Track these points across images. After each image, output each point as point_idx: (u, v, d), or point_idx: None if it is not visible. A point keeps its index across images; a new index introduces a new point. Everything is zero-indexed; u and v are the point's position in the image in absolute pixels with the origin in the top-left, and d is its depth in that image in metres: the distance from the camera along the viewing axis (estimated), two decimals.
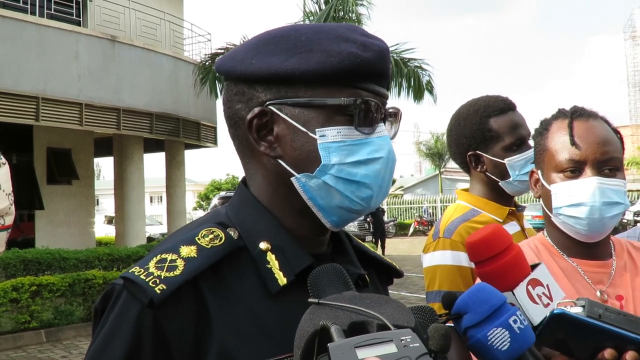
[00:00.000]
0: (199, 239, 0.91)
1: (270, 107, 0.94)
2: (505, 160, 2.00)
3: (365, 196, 0.95)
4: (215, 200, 21.01)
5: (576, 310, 1.10)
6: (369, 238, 20.26)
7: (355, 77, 0.93)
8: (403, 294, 11.57)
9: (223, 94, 1.02)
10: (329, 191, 0.94)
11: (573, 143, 1.45)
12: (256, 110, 0.95)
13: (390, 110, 1.00)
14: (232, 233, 0.94)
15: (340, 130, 0.92)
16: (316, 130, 0.92)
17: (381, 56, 0.95)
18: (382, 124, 0.97)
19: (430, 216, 31.07)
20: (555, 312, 1.09)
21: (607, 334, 1.10)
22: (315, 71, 0.91)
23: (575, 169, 1.45)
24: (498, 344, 0.93)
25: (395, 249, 21.82)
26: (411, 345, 0.71)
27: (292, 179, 0.95)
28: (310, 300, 0.82)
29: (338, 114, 0.93)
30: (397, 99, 14.03)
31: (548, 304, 1.10)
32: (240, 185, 1.03)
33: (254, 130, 0.95)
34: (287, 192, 0.96)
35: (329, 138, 0.92)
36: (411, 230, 29.01)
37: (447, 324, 0.96)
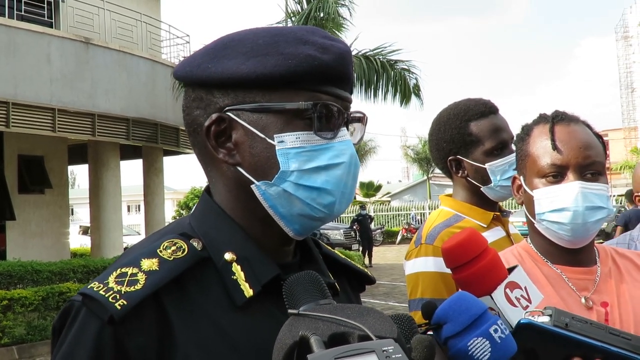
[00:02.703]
0: (160, 251, 0.90)
1: (228, 113, 0.94)
2: (486, 165, 1.98)
3: (327, 203, 0.94)
4: None
5: (543, 320, 1.13)
6: (355, 247, 20.07)
7: (314, 80, 0.93)
8: (391, 304, 11.62)
9: (182, 101, 1.01)
10: (290, 199, 0.93)
11: (555, 147, 1.46)
12: (214, 116, 0.94)
13: (355, 114, 1.00)
14: (195, 244, 0.93)
15: (299, 135, 0.92)
16: (274, 135, 0.92)
17: (341, 58, 0.94)
18: (344, 128, 0.97)
19: (419, 223, 30.88)
20: (522, 322, 1.11)
21: (574, 343, 1.13)
22: (272, 74, 0.91)
23: (557, 174, 1.46)
24: (479, 354, 0.93)
25: (382, 257, 21.85)
26: (393, 356, 0.70)
27: (252, 186, 0.94)
28: (289, 311, 0.81)
29: (297, 118, 0.92)
30: (383, 103, 14.01)
31: (527, 306, 1.11)
32: (203, 194, 1.02)
33: (212, 137, 0.95)
34: (249, 200, 0.96)
35: (288, 144, 0.92)
36: (399, 238, 28.85)
37: (427, 334, 0.98)
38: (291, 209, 0.94)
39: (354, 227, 20.89)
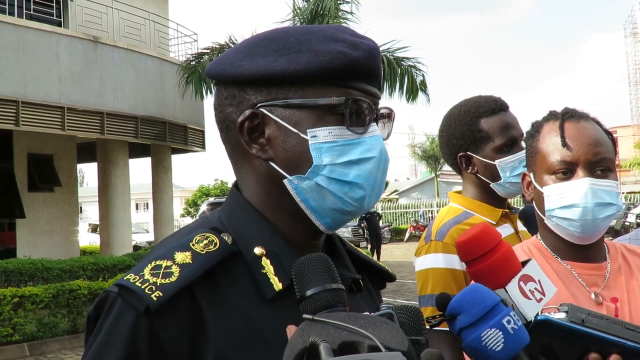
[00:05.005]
0: (193, 245, 0.92)
1: (261, 109, 0.96)
2: (496, 162, 2.00)
3: (358, 197, 0.96)
4: (203, 207, 20.79)
5: (559, 316, 1.14)
6: (363, 244, 20.08)
7: (345, 76, 0.94)
8: (400, 301, 11.56)
9: (214, 98, 1.03)
10: (322, 193, 0.95)
11: (564, 144, 1.47)
12: (247, 112, 0.96)
13: (383, 110, 1.01)
14: (226, 238, 0.95)
15: (332, 130, 0.94)
16: (307, 130, 0.94)
17: (371, 55, 0.96)
18: (374, 123, 0.98)
19: (427, 221, 30.67)
20: (539, 318, 1.12)
21: (590, 338, 1.14)
22: (305, 71, 0.92)
23: (567, 171, 1.46)
24: (492, 344, 0.95)
25: (390, 255, 21.83)
26: None
27: (285, 181, 0.96)
28: (304, 316, 0.81)
29: (329, 114, 0.94)
30: (390, 99, 14.00)
31: (541, 299, 1.12)
32: (232, 190, 1.04)
33: (245, 133, 0.97)
34: (280, 195, 0.97)
35: (321, 138, 0.93)
36: (407, 235, 28.76)
37: (441, 327, 1.02)
38: (323, 202, 0.95)
39: (362, 224, 20.91)
